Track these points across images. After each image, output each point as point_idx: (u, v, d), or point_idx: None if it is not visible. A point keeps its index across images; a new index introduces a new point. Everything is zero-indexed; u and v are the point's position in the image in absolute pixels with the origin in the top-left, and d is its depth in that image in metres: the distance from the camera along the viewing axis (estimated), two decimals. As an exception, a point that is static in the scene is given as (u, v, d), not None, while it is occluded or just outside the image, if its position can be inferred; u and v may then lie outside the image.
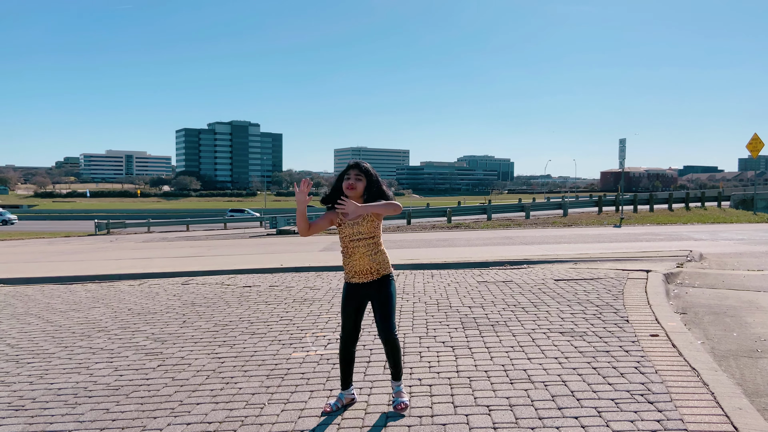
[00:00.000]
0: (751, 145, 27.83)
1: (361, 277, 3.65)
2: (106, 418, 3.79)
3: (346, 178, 3.59)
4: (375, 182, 3.61)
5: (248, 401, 3.98)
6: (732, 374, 4.23)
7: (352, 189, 3.57)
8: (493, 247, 14.41)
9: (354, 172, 3.59)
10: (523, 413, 3.55)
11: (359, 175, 3.58)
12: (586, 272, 8.87)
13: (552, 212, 30.47)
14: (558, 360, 4.56)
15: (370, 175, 3.60)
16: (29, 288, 10.04)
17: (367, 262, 3.62)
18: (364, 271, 3.64)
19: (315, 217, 3.73)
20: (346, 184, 3.58)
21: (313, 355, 5.02)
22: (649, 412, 3.49)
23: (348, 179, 3.58)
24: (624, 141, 25.88)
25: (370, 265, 3.63)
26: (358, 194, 3.59)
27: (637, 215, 26.65)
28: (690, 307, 6.50)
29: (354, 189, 3.57)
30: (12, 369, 5.01)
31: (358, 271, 3.64)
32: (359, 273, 3.64)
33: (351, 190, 3.57)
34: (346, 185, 3.58)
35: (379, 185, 3.62)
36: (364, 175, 3.59)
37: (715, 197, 36.03)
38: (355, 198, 3.59)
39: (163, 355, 5.24)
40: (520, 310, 6.38)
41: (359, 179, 3.58)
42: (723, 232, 16.52)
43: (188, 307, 7.44)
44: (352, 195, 3.57)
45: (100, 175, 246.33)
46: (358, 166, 3.60)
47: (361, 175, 3.58)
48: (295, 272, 10.60)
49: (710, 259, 10.62)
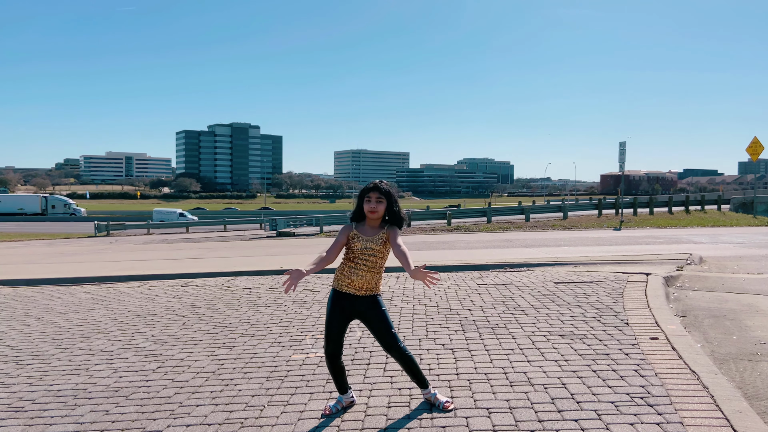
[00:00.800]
0: (751, 149, 27.85)
1: (353, 290, 3.63)
2: (106, 419, 3.79)
3: (367, 201, 3.58)
4: (395, 202, 3.61)
5: (248, 403, 3.98)
6: (732, 377, 4.23)
7: (374, 213, 3.58)
8: (492, 249, 14.41)
9: (375, 195, 3.57)
10: (522, 416, 3.55)
11: (380, 198, 3.57)
12: (585, 275, 8.87)
13: (552, 215, 30.47)
14: (558, 363, 4.56)
15: (390, 196, 3.60)
16: (29, 289, 10.03)
17: (367, 278, 3.61)
18: (362, 287, 3.63)
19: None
20: (368, 208, 3.57)
21: (313, 357, 5.02)
22: (649, 415, 3.49)
23: (369, 202, 3.57)
24: (624, 144, 25.90)
25: (368, 283, 3.62)
26: (379, 216, 3.60)
27: (637, 218, 26.67)
28: (690, 310, 6.50)
29: (375, 212, 3.58)
30: (11, 370, 5.01)
31: (356, 284, 3.62)
32: (355, 286, 3.63)
33: (373, 214, 3.58)
34: (368, 209, 3.57)
35: (398, 206, 3.63)
36: (384, 197, 3.58)
37: (715, 200, 36.10)
38: (377, 220, 3.61)
39: (162, 356, 5.23)
40: (519, 312, 6.38)
41: (380, 202, 3.57)
42: (723, 236, 16.53)
43: (188, 308, 7.44)
44: (374, 218, 3.59)
45: (100, 177, 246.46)
46: (379, 189, 3.58)
47: (382, 198, 3.58)
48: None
49: (710, 262, 10.62)
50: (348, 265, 3.65)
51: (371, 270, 3.60)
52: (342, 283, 3.66)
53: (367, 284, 3.62)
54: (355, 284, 3.62)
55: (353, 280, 3.61)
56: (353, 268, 3.62)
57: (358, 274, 3.60)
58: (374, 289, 3.66)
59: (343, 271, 3.66)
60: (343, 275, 3.66)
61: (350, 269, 3.62)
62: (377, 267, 3.62)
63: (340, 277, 3.67)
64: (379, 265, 3.62)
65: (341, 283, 3.67)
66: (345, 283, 3.65)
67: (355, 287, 3.63)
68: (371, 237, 3.59)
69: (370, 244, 3.58)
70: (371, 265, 3.60)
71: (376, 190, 3.58)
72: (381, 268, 3.66)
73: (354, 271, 3.61)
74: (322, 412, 3.74)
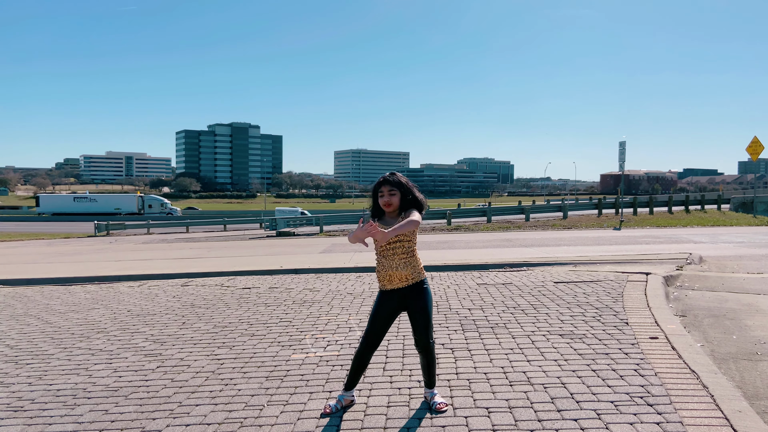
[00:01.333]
0: (751, 148, 27.86)
1: (396, 283, 3.63)
2: (105, 419, 3.79)
3: (380, 196, 3.58)
4: (409, 191, 3.60)
5: (247, 402, 3.98)
6: (732, 377, 4.23)
7: (389, 206, 3.58)
8: (492, 249, 14.41)
9: (387, 188, 3.57)
10: (522, 415, 3.55)
11: (392, 190, 3.57)
12: (585, 275, 8.87)
13: (552, 215, 30.48)
14: (557, 362, 4.56)
15: (402, 186, 3.59)
16: (28, 289, 10.03)
17: (402, 267, 3.60)
18: (401, 278, 3.62)
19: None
20: (382, 202, 3.57)
21: (313, 356, 5.02)
22: (648, 414, 3.49)
23: (382, 197, 3.57)
24: (624, 144, 25.90)
25: (405, 271, 3.61)
26: (395, 208, 3.59)
27: (637, 218, 26.67)
28: (689, 309, 6.50)
29: (391, 205, 3.57)
30: (11, 370, 5.00)
31: (394, 277, 3.61)
32: (395, 279, 3.62)
33: (388, 207, 3.58)
34: (383, 203, 3.57)
35: (413, 193, 3.61)
36: (396, 188, 3.57)
37: (715, 200, 36.11)
38: (393, 212, 3.61)
39: (162, 356, 5.23)
40: (519, 312, 6.38)
41: (393, 194, 3.57)
42: (723, 235, 16.53)
43: (188, 308, 7.44)
44: (390, 211, 3.59)
45: (100, 177, 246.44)
46: (389, 182, 3.57)
47: (395, 190, 3.57)
48: (294, 274, 10.60)
49: (710, 261, 10.62)
50: (381, 262, 3.64)
51: (405, 256, 3.60)
52: (384, 281, 3.66)
53: (407, 272, 3.61)
54: (396, 278, 3.61)
55: (392, 274, 3.61)
56: (387, 263, 3.61)
57: (393, 267, 3.60)
58: (418, 274, 3.65)
59: (380, 271, 3.67)
60: (381, 274, 3.66)
61: (385, 266, 3.62)
62: (410, 251, 3.62)
63: (380, 277, 3.67)
64: (410, 249, 3.62)
65: (384, 284, 3.67)
66: (386, 280, 3.64)
67: (396, 281, 3.62)
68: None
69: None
70: (402, 251, 3.59)
71: (386, 183, 3.57)
72: (414, 252, 3.65)
73: (389, 265, 3.61)
74: (321, 411, 3.74)
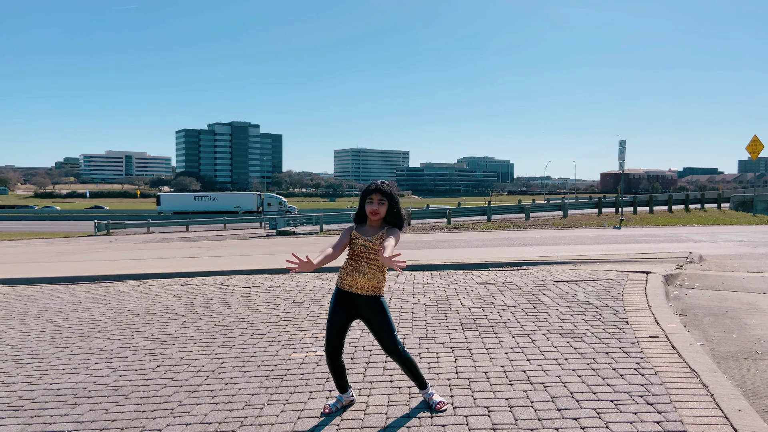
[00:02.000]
0: (751, 147, 27.86)
1: (357, 289, 3.62)
2: (106, 418, 3.79)
3: (369, 203, 3.56)
4: (396, 203, 3.60)
5: (247, 402, 3.98)
6: (731, 376, 4.23)
7: (376, 215, 3.56)
8: (492, 248, 14.42)
9: (377, 196, 3.55)
10: (522, 414, 3.55)
11: (382, 200, 3.56)
12: (585, 273, 8.87)
13: (552, 213, 30.47)
14: (557, 361, 4.56)
15: (392, 197, 3.58)
16: (28, 288, 10.03)
17: (369, 277, 3.60)
18: (363, 286, 3.62)
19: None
20: (369, 210, 3.56)
21: (313, 356, 5.02)
22: (648, 413, 3.49)
23: (371, 204, 3.56)
24: (624, 142, 25.88)
25: (369, 282, 3.61)
26: (380, 218, 3.59)
27: (637, 217, 26.67)
28: (689, 308, 6.50)
29: (378, 214, 3.56)
30: (11, 369, 5.01)
31: (358, 283, 3.61)
32: (357, 285, 3.62)
33: (375, 216, 3.57)
34: (370, 210, 3.56)
35: (398, 207, 3.61)
36: (386, 198, 3.56)
37: (715, 199, 36.07)
38: (377, 221, 3.60)
39: (162, 355, 5.23)
40: (519, 311, 6.38)
41: (382, 203, 3.56)
42: (723, 234, 16.53)
43: (188, 307, 7.44)
44: (375, 219, 3.58)
45: (100, 176, 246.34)
46: (381, 191, 3.55)
47: (384, 200, 3.56)
48: (294, 273, 10.60)
49: (710, 260, 10.62)
50: (350, 264, 3.65)
51: (372, 268, 3.59)
52: (344, 282, 3.66)
53: (368, 283, 3.61)
54: (358, 283, 3.61)
55: (355, 278, 3.61)
56: (355, 267, 3.61)
57: (360, 272, 3.59)
58: (377, 289, 3.65)
59: (345, 270, 3.67)
60: (345, 273, 3.66)
61: (352, 268, 3.63)
62: (378, 266, 3.61)
63: (343, 276, 3.67)
64: (380, 264, 3.60)
65: (344, 282, 3.66)
66: (347, 282, 3.64)
67: (357, 286, 3.62)
68: (371, 237, 3.59)
69: (369, 243, 3.57)
70: (372, 263, 3.59)
71: (378, 191, 3.56)
72: (383, 268, 3.64)
73: (356, 269, 3.61)
74: (321, 410, 3.74)
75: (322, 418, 3.64)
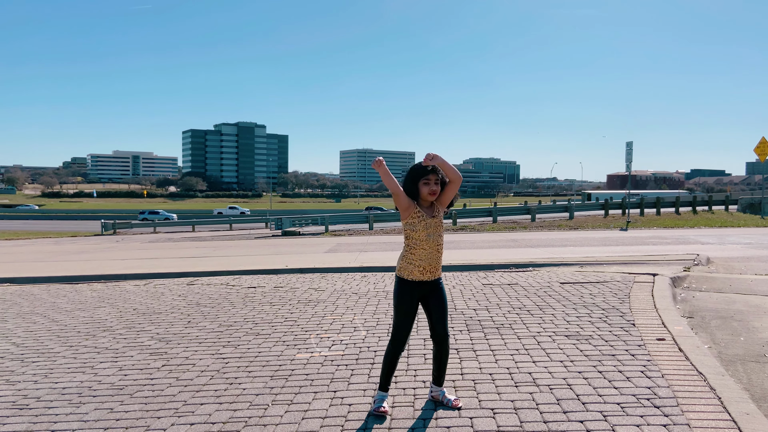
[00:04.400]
0: (759, 149, 27.69)
1: (424, 275, 3.60)
2: (110, 417, 3.80)
3: (426, 183, 3.52)
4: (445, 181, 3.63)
5: (252, 402, 3.97)
6: (739, 379, 4.20)
7: (433, 195, 3.56)
8: (498, 249, 14.38)
9: (434, 177, 3.53)
10: (527, 417, 3.53)
11: (438, 180, 3.55)
12: (592, 275, 8.83)
13: (558, 215, 30.40)
14: (563, 363, 4.53)
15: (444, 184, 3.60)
16: (35, 287, 10.08)
17: (439, 259, 3.61)
18: (433, 268, 3.60)
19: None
20: (428, 190, 3.53)
21: (317, 356, 5.01)
22: (655, 416, 3.46)
23: (428, 184, 3.53)
24: (631, 144, 25.77)
25: (439, 264, 3.62)
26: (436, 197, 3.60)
27: (644, 218, 26.56)
28: (697, 311, 6.46)
29: (436, 194, 3.57)
30: (17, 368, 5.02)
31: (427, 267, 3.58)
32: (426, 270, 3.59)
33: (432, 196, 3.57)
34: (428, 191, 3.53)
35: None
36: (441, 179, 3.56)
37: (723, 201, 35.89)
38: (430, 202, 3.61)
39: (167, 355, 5.24)
40: (525, 313, 6.35)
41: (438, 184, 3.56)
42: (730, 236, 16.42)
43: (193, 307, 7.45)
44: (432, 199, 3.58)
45: (107, 176, 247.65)
46: (436, 171, 3.53)
47: (439, 179, 3.55)
48: (299, 273, 10.61)
49: (717, 263, 10.54)
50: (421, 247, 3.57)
51: (440, 249, 3.61)
52: (414, 271, 3.59)
53: (438, 265, 3.63)
54: (431, 268, 3.59)
55: (428, 262, 3.57)
56: (428, 249, 3.57)
57: (433, 257, 3.59)
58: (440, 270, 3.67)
59: (413, 258, 3.59)
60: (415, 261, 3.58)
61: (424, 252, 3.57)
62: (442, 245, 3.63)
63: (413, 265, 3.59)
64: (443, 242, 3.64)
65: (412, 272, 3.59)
66: (417, 270, 3.58)
67: (429, 272, 3.59)
68: (434, 215, 3.58)
69: (435, 221, 3.58)
70: (441, 243, 3.60)
71: (434, 172, 3.52)
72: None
73: (430, 253, 3.57)
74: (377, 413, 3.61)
75: (324, 418, 3.62)
